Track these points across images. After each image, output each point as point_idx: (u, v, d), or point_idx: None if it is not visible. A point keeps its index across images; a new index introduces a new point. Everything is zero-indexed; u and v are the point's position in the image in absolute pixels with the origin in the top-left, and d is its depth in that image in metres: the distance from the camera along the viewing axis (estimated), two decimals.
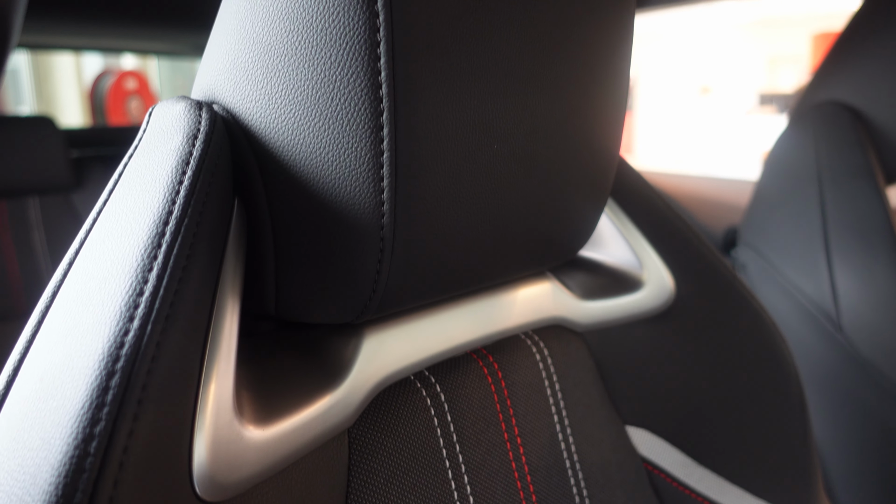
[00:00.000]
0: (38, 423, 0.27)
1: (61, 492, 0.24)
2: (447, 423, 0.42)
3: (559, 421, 0.49)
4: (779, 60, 7.56)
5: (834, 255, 0.83)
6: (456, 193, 0.35)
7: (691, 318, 0.57)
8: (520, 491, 0.45)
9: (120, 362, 0.27)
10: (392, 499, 0.39)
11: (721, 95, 7.75)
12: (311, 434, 0.36)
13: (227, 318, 0.33)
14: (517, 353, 0.47)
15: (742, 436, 0.56)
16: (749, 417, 0.56)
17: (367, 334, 0.40)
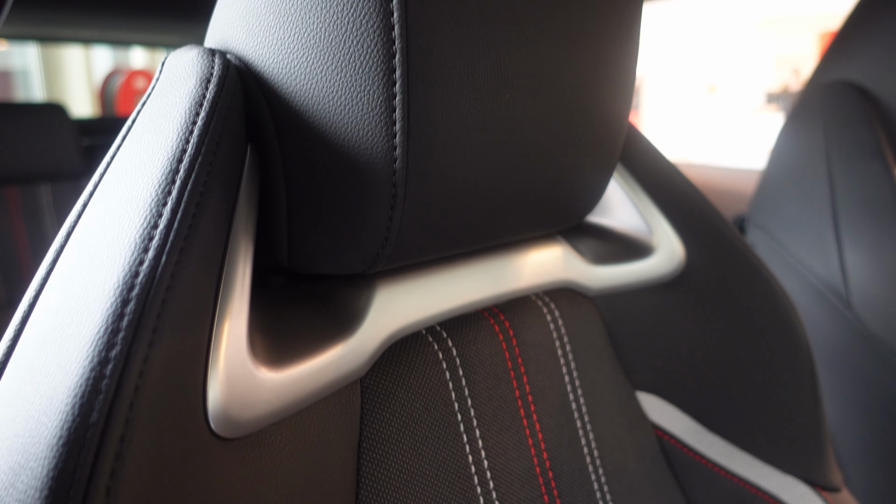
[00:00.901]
0: (54, 350, 0.27)
1: (77, 412, 0.25)
2: (459, 377, 0.42)
3: (570, 381, 0.49)
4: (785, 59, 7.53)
5: (843, 233, 0.83)
6: (468, 141, 0.35)
7: (701, 286, 0.57)
8: (531, 448, 0.45)
9: (135, 290, 0.27)
10: (404, 448, 0.39)
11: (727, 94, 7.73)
12: (323, 380, 0.36)
13: (240, 258, 0.33)
14: (528, 313, 0.48)
15: (752, 403, 0.56)
16: (759, 385, 0.56)
17: (379, 287, 0.41)
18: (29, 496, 0.23)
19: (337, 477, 0.36)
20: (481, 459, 0.42)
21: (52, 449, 0.24)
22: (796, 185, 0.90)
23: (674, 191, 0.58)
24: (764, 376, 0.57)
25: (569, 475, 0.46)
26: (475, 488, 0.41)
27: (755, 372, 0.57)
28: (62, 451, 0.24)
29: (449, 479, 0.40)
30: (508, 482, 0.43)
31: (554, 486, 0.45)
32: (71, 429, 0.24)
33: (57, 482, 0.23)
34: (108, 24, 1.79)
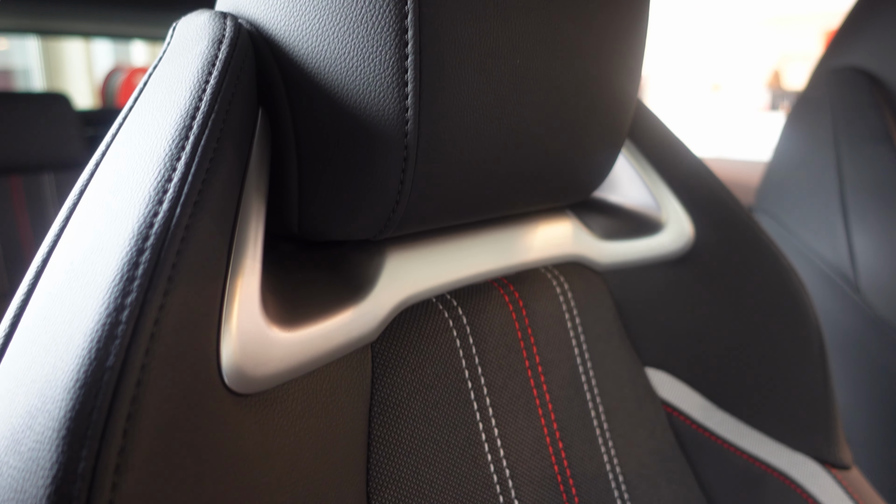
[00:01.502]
0: (70, 299, 0.27)
1: (94, 355, 0.25)
2: (469, 345, 0.42)
3: (580, 354, 0.48)
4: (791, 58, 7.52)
5: (851, 217, 0.83)
6: (479, 106, 0.35)
7: (710, 263, 0.57)
8: (541, 418, 0.45)
9: (150, 240, 0.27)
10: (415, 413, 0.39)
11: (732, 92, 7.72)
12: (334, 343, 0.36)
13: (252, 217, 0.33)
14: (537, 285, 0.47)
15: (762, 380, 0.56)
16: (769, 362, 0.56)
17: (389, 254, 0.40)
18: (46, 437, 0.23)
19: (348, 439, 0.36)
20: (492, 427, 0.42)
21: (68, 391, 0.24)
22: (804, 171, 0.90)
23: (683, 168, 0.58)
24: (773, 353, 0.56)
25: (579, 447, 0.46)
26: (485, 456, 0.41)
27: (765, 349, 0.56)
28: (79, 393, 0.24)
29: (460, 445, 0.40)
30: (519, 451, 0.43)
31: (564, 458, 0.45)
32: (88, 372, 0.24)
33: (74, 423, 0.23)
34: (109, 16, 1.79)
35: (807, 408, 0.56)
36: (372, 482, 0.37)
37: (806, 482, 0.55)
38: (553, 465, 0.44)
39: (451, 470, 0.39)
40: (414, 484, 0.38)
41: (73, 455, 0.23)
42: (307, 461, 0.33)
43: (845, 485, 0.55)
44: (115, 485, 0.23)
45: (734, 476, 0.55)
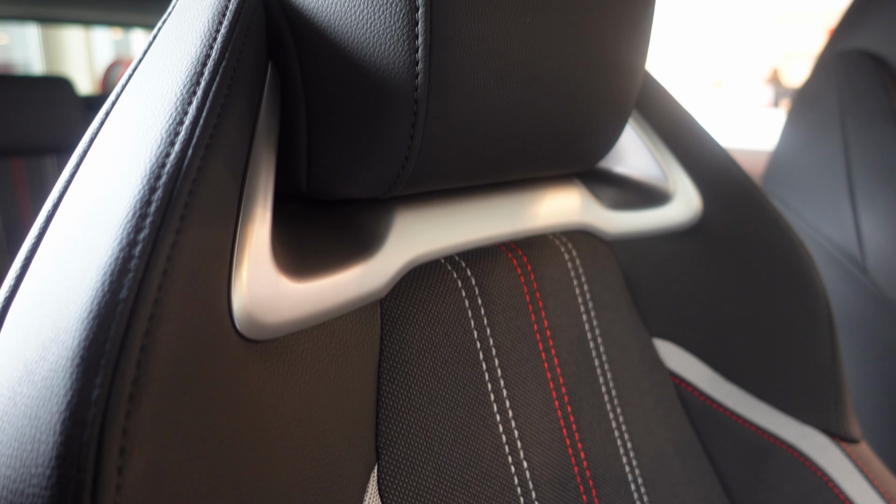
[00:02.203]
0: (82, 237, 0.27)
1: (107, 288, 0.24)
2: (478, 306, 0.42)
3: (588, 321, 0.48)
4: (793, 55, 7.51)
5: (858, 198, 0.82)
6: (488, 62, 0.34)
7: (718, 235, 0.56)
8: (549, 381, 0.44)
9: (162, 179, 0.27)
10: (424, 370, 0.38)
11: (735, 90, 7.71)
12: (343, 297, 0.36)
13: (262, 166, 0.33)
14: (546, 251, 0.47)
15: (770, 353, 0.56)
16: (777, 335, 0.56)
17: (399, 213, 0.40)
18: (60, 366, 0.23)
19: (358, 393, 0.35)
20: (500, 388, 0.41)
21: (82, 322, 0.24)
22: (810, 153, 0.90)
23: (691, 140, 0.58)
24: (782, 326, 0.56)
25: (588, 411, 0.46)
26: (494, 416, 0.41)
27: (773, 321, 0.56)
28: (93, 323, 0.24)
29: (469, 405, 0.40)
30: (527, 412, 0.42)
31: (573, 421, 0.45)
32: (101, 303, 0.24)
33: (88, 352, 0.23)
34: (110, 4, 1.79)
35: (815, 380, 0.55)
36: (381, 437, 0.36)
37: (814, 455, 0.54)
38: (562, 428, 0.44)
39: (461, 428, 0.39)
40: (423, 440, 0.37)
41: (86, 382, 0.23)
42: (317, 411, 0.32)
43: (854, 458, 0.55)
44: (128, 413, 0.23)
45: (742, 448, 0.55)
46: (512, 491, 0.40)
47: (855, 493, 0.54)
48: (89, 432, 0.22)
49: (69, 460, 0.21)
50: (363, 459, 0.35)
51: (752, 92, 7.48)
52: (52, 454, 0.22)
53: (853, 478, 0.54)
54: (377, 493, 0.35)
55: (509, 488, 0.40)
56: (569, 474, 0.43)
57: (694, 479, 0.52)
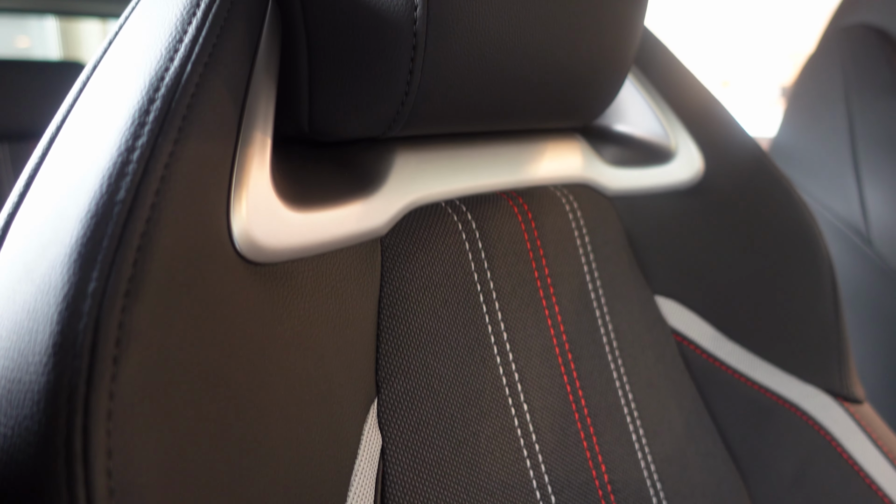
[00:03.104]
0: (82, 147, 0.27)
1: (105, 190, 0.25)
2: (478, 249, 0.42)
3: (589, 272, 0.48)
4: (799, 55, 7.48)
5: (863, 170, 0.82)
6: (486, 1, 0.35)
7: (721, 195, 0.56)
8: (550, 328, 0.44)
9: (161, 91, 0.27)
10: (424, 308, 0.39)
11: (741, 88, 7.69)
12: (343, 231, 0.36)
13: (262, 94, 0.33)
14: (546, 201, 0.47)
15: (772, 312, 0.56)
16: (779, 294, 0.56)
17: (399, 153, 0.40)
18: (58, 262, 0.24)
19: (358, 327, 0.36)
20: (501, 331, 0.42)
21: (80, 222, 0.24)
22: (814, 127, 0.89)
23: (693, 99, 0.58)
24: (784, 285, 0.56)
25: (588, 360, 0.46)
26: (495, 358, 0.41)
27: (776, 280, 0.56)
28: (90, 223, 0.24)
29: (469, 345, 0.40)
30: (528, 357, 0.42)
31: (574, 369, 0.45)
32: (99, 204, 0.24)
33: (85, 248, 0.23)
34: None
35: (818, 340, 0.55)
36: (381, 371, 0.37)
37: (817, 414, 0.54)
38: (562, 374, 0.44)
39: (460, 367, 0.39)
40: (423, 377, 0.38)
41: (83, 276, 0.23)
42: (317, 337, 0.33)
43: (857, 418, 0.55)
44: (125, 307, 0.23)
45: (744, 406, 0.55)
46: (512, 432, 0.40)
47: (857, 452, 0.54)
48: (86, 322, 0.22)
49: (66, 348, 0.22)
50: (363, 392, 0.35)
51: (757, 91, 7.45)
52: (48, 343, 0.22)
53: (856, 437, 0.54)
54: (377, 426, 0.36)
55: (509, 429, 0.40)
56: (569, 420, 0.43)
57: (696, 435, 0.51)
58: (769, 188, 0.57)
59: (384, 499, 0.35)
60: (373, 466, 0.34)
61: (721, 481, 0.52)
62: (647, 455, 0.47)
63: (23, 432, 0.21)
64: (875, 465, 0.54)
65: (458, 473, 0.37)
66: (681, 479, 0.49)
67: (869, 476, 0.53)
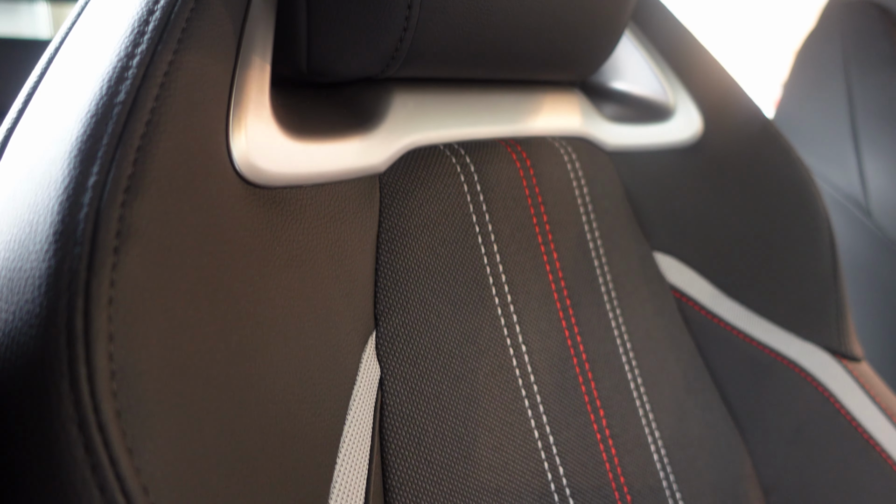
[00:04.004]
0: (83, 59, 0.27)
1: (105, 92, 0.25)
2: (476, 191, 0.42)
3: (587, 222, 0.48)
4: None
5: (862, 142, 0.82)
6: None
7: (719, 153, 0.57)
8: (548, 274, 0.45)
9: (160, 3, 0.28)
10: (423, 245, 0.39)
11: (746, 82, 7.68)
12: (341, 164, 0.36)
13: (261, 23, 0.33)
14: (545, 151, 0.47)
15: (771, 270, 0.56)
16: (778, 252, 0.56)
17: (397, 94, 0.41)
18: (59, 159, 0.24)
19: (356, 259, 0.36)
20: (499, 273, 0.42)
21: (80, 121, 0.25)
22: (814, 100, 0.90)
23: (693, 58, 0.58)
24: (782, 243, 0.56)
25: (587, 307, 0.46)
26: (493, 298, 0.41)
27: (774, 239, 0.56)
28: (90, 121, 0.24)
29: (466, 283, 0.40)
30: (526, 299, 0.43)
31: (572, 314, 0.45)
32: (98, 105, 0.25)
33: (86, 145, 0.24)
34: None
35: (816, 298, 0.55)
36: (380, 304, 0.37)
37: (816, 371, 0.54)
38: (561, 320, 0.44)
39: (458, 305, 0.39)
40: (421, 311, 0.38)
41: (84, 171, 0.23)
42: (315, 262, 0.33)
43: (856, 375, 0.55)
44: (125, 202, 0.23)
45: (743, 363, 0.55)
46: (510, 371, 0.40)
47: (856, 409, 0.54)
48: (86, 212, 0.22)
49: (66, 235, 0.22)
50: (362, 322, 0.35)
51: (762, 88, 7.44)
52: (49, 231, 0.22)
53: (854, 394, 0.54)
54: (375, 357, 0.36)
55: (507, 368, 0.40)
56: (567, 364, 0.44)
57: (695, 388, 0.52)
58: (768, 148, 0.57)
59: (382, 429, 0.35)
60: (371, 395, 0.34)
61: (719, 435, 0.52)
62: (645, 404, 0.47)
63: (24, 316, 0.21)
64: (873, 422, 0.54)
65: (455, 407, 0.37)
66: (679, 430, 0.49)
67: (867, 432, 0.53)
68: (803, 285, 0.56)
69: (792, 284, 0.56)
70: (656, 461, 0.46)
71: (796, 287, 0.55)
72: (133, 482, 0.20)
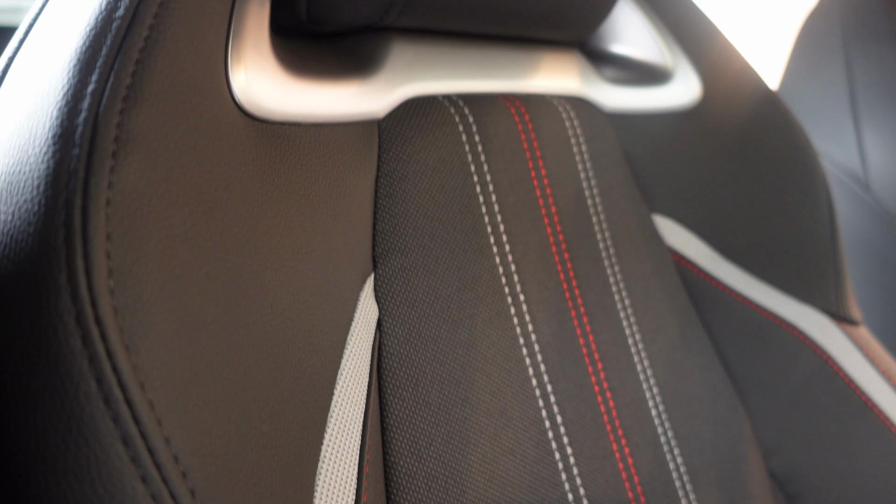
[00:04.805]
0: None
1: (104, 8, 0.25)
2: (475, 142, 0.42)
3: (586, 179, 0.48)
4: None
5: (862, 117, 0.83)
6: None
7: (718, 118, 0.57)
8: (547, 227, 0.45)
9: None
10: (421, 190, 0.39)
11: None
12: (340, 106, 0.36)
13: None
14: (544, 107, 0.47)
15: (769, 233, 0.56)
16: (776, 216, 0.56)
17: (396, 44, 0.41)
18: (58, 69, 0.24)
19: (355, 200, 0.36)
20: (497, 223, 0.42)
21: (80, 37, 0.25)
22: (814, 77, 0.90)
23: (691, 23, 0.58)
24: (781, 207, 0.56)
25: (584, 261, 0.46)
26: (491, 247, 0.41)
27: (772, 202, 0.56)
28: (89, 34, 0.25)
29: (465, 231, 0.40)
30: (525, 250, 0.43)
31: (571, 268, 0.45)
32: (97, 19, 0.25)
33: (85, 55, 0.24)
34: None
35: (815, 261, 0.55)
36: (378, 248, 0.37)
37: (815, 334, 0.54)
38: (559, 272, 0.44)
39: (457, 252, 0.39)
40: (419, 256, 0.38)
41: (82, 79, 0.23)
42: (314, 199, 0.33)
43: (855, 338, 0.55)
44: (123, 110, 0.23)
45: (742, 326, 0.55)
46: (508, 319, 0.41)
47: (855, 371, 0.54)
48: (85, 116, 0.22)
49: (65, 138, 0.22)
50: (360, 262, 0.36)
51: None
52: (48, 135, 0.22)
53: (853, 357, 0.54)
54: (373, 298, 0.36)
55: (505, 316, 0.40)
56: (566, 316, 0.44)
57: (693, 349, 0.52)
58: (767, 113, 0.57)
59: (380, 368, 0.35)
60: (369, 335, 0.35)
61: (718, 396, 0.52)
62: (643, 360, 0.47)
63: (23, 215, 0.22)
64: (872, 385, 0.54)
65: (454, 351, 0.37)
66: (677, 388, 0.49)
67: (866, 394, 0.53)
68: (802, 248, 0.56)
69: (790, 247, 0.56)
70: (654, 416, 0.47)
71: (795, 250, 0.56)
72: (130, 377, 0.21)
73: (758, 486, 0.51)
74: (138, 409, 0.21)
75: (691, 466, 0.47)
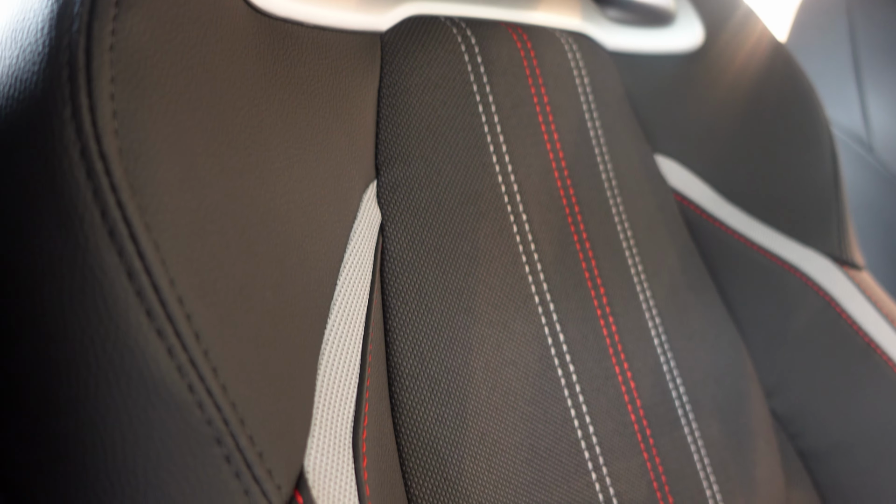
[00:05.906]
0: None
1: None
2: (477, 63, 0.42)
3: (588, 111, 0.48)
4: None
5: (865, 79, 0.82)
6: None
7: (720, 62, 0.57)
8: (549, 153, 0.45)
9: None
10: (423, 103, 0.39)
11: None
12: (342, 14, 0.36)
13: None
14: (547, 38, 0.47)
15: (772, 177, 0.56)
16: (779, 159, 0.56)
17: None
18: None
19: (358, 106, 0.36)
20: (500, 143, 0.42)
21: None
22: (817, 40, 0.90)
23: None
24: (784, 151, 0.56)
25: (587, 190, 0.46)
26: (493, 166, 0.41)
27: (776, 146, 0.56)
28: None
29: (467, 146, 0.40)
30: (527, 172, 0.43)
31: (573, 194, 0.45)
32: None
33: None
34: None
35: (818, 205, 0.55)
36: (381, 156, 0.37)
37: (818, 276, 0.54)
38: (561, 197, 0.44)
39: (459, 166, 0.39)
40: (422, 167, 0.38)
41: None
42: (317, 96, 0.33)
43: (857, 281, 0.55)
44: None
45: (745, 267, 0.55)
46: (511, 237, 0.41)
47: (858, 314, 0.54)
48: None
49: None
50: (363, 166, 0.36)
51: None
52: None
53: (857, 300, 0.54)
54: (375, 202, 0.36)
55: (508, 234, 0.40)
56: (568, 239, 0.44)
57: (695, 286, 0.52)
58: (769, 57, 0.57)
59: (383, 271, 0.35)
60: (372, 237, 0.35)
61: (721, 333, 0.52)
62: (646, 290, 0.47)
63: (28, 56, 0.22)
64: (875, 326, 0.54)
65: (456, 262, 0.37)
66: (680, 321, 0.49)
67: (868, 335, 0.53)
68: (804, 192, 0.56)
69: (793, 191, 0.56)
70: (657, 346, 0.46)
71: (797, 193, 0.56)
72: (135, 215, 0.21)
73: (760, 423, 0.51)
74: (143, 246, 0.21)
75: (693, 396, 0.47)
